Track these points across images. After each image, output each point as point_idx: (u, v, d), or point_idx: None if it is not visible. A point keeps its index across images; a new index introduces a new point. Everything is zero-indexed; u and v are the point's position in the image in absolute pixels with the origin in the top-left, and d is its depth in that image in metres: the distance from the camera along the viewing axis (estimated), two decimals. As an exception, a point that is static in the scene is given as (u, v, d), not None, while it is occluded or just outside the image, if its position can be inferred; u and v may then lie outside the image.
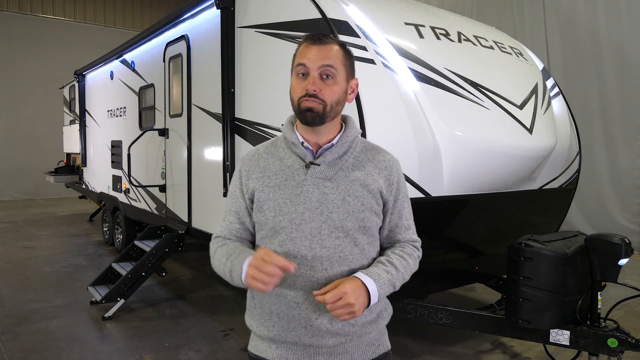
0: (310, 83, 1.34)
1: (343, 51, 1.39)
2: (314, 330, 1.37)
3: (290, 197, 1.39)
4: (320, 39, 1.37)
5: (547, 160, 3.61)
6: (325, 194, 1.38)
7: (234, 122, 3.92)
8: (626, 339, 2.61)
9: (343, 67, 1.38)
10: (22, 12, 14.31)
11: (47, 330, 4.07)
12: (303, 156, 1.42)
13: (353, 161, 1.44)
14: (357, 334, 1.41)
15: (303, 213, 1.37)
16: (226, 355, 3.64)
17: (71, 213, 11.22)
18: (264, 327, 1.43)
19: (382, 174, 1.45)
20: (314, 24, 3.09)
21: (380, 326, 1.49)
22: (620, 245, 2.61)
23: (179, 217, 4.95)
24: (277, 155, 1.46)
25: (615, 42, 7.22)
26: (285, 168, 1.43)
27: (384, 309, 1.51)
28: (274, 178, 1.42)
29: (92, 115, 8.18)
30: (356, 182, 1.41)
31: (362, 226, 1.40)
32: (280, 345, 1.42)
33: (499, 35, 4.21)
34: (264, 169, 1.45)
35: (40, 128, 13.98)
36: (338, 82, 1.37)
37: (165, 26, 5.25)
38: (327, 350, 1.40)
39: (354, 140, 1.46)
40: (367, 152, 1.48)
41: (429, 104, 2.99)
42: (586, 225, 7.47)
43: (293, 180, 1.40)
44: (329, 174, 1.40)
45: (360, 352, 1.44)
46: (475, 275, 3.80)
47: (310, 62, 1.35)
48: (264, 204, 1.41)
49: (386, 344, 1.53)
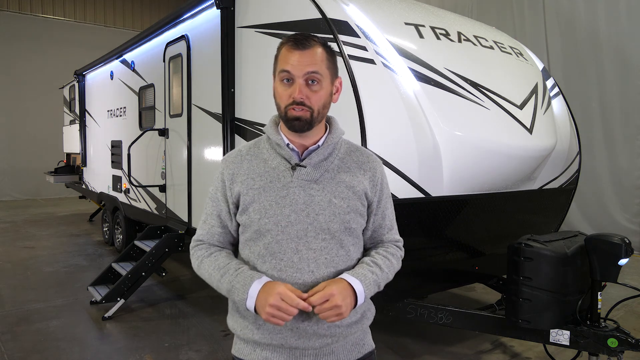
0: (297, 91, 1.31)
1: (326, 53, 1.37)
2: (300, 332, 1.37)
3: (276, 200, 1.37)
4: (302, 43, 1.33)
5: (547, 160, 3.61)
6: (312, 196, 1.38)
7: (234, 122, 3.92)
8: (626, 339, 2.61)
9: (327, 70, 1.36)
10: (22, 12, 14.31)
11: (47, 330, 4.07)
12: (289, 158, 1.41)
13: (338, 163, 1.44)
14: (343, 335, 1.42)
15: (289, 215, 1.36)
16: (226, 355, 3.64)
17: (71, 213, 11.23)
18: (248, 330, 1.41)
19: (367, 175, 1.45)
20: (314, 24, 3.09)
21: (365, 326, 1.50)
22: (620, 245, 2.61)
23: (179, 217, 4.95)
24: (261, 157, 1.44)
25: (615, 42, 7.21)
26: (270, 170, 1.41)
27: (368, 309, 1.51)
28: (258, 180, 1.40)
29: (92, 115, 8.18)
30: (342, 184, 1.41)
31: (347, 228, 1.40)
32: (265, 348, 1.40)
33: (499, 35, 4.21)
34: (247, 170, 1.43)
35: (40, 128, 13.98)
36: (324, 86, 1.35)
37: (165, 26, 5.25)
38: (314, 352, 1.40)
39: (338, 141, 1.46)
40: (351, 153, 1.48)
41: (429, 104, 2.99)
42: (586, 225, 7.47)
43: (279, 182, 1.39)
44: (315, 176, 1.39)
45: (346, 352, 1.45)
46: (475, 275, 3.80)
47: (294, 69, 1.32)
48: (249, 206, 1.39)
49: (370, 343, 1.54)
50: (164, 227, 5.13)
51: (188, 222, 4.76)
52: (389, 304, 3.22)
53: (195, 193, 4.66)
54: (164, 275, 5.05)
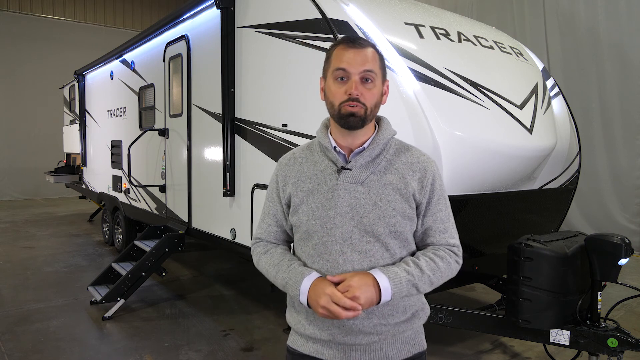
0: (353, 87, 1.35)
1: (378, 54, 1.41)
2: (347, 329, 1.41)
3: (322, 202, 1.41)
4: (357, 42, 1.38)
5: (547, 160, 3.61)
6: (357, 198, 1.39)
7: (234, 122, 3.92)
8: (626, 339, 2.61)
9: (380, 70, 1.41)
10: (22, 12, 14.31)
11: (47, 330, 4.07)
12: (335, 161, 1.44)
13: (385, 164, 1.44)
14: (391, 333, 1.43)
15: (334, 217, 1.39)
16: (226, 355, 3.64)
17: (71, 213, 11.23)
18: (300, 325, 1.48)
19: (416, 176, 1.43)
20: (314, 24, 3.09)
21: (416, 325, 1.50)
22: (620, 245, 2.61)
23: (179, 217, 4.96)
24: (312, 160, 1.49)
25: (615, 42, 7.21)
26: (318, 172, 1.45)
27: (421, 309, 1.52)
28: (307, 182, 1.45)
29: (92, 115, 8.18)
30: (388, 186, 1.40)
31: (393, 231, 1.39)
32: (316, 341, 1.46)
33: (499, 35, 4.21)
34: (299, 173, 1.48)
35: (40, 128, 13.99)
36: (377, 85, 1.39)
37: (165, 26, 5.25)
38: (361, 348, 1.43)
39: (387, 142, 1.46)
40: (400, 154, 1.47)
41: (429, 103, 2.99)
42: (586, 225, 7.47)
43: (325, 184, 1.43)
44: (361, 178, 1.41)
45: (395, 350, 1.46)
46: (475, 275, 3.80)
47: (350, 66, 1.36)
48: (299, 207, 1.45)
49: (422, 344, 1.53)
50: (164, 227, 5.13)
51: (188, 222, 4.76)
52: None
53: (195, 193, 4.66)
54: (164, 275, 5.05)
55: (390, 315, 1.42)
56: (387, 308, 1.41)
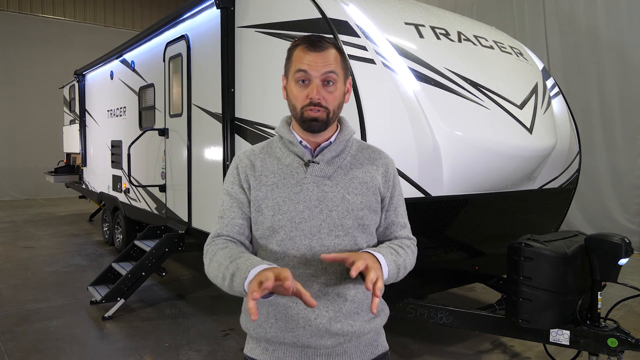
0: (314, 91, 1.32)
1: (339, 53, 1.38)
2: (312, 330, 1.36)
3: (289, 196, 1.37)
4: (318, 44, 1.33)
5: (547, 160, 3.61)
6: (325, 192, 1.38)
7: (234, 122, 3.92)
8: (626, 338, 2.61)
9: (342, 70, 1.38)
10: (22, 12, 14.31)
11: (47, 330, 4.07)
12: (302, 155, 1.41)
13: (350, 159, 1.44)
14: (356, 334, 1.40)
15: (303, 211, 1.36)
16: (226, 355, 3.64)
17: (71, 213, 11.22)
18: (261, 328, 1.40)
19: (379, 171, 1.46)
20: (314, 23, 3.09)
21: (378, 326, 1.49)
22: (620, 245, 2.61)
23: (179, 217, 4.95)
24: (274, 155, 1.45)
25: (615, 42, 7.21)
26: (283, 167, 1.41)
27: (381, 309, 1.51)
28: (271, 177, 1.40)
29: (92, 115, 8.18)
30: (355, 180, 1.41)
31: (361, 224, 1.40)
32: (278, 347, 1.40)
33: (499, 35, 4.21)
34: (261, 167, 1.42)
35: (40, 128, 13.98)
36: (338, 87, 1.37)
37: (165, 26, 5.25)
38: (326, 352, 1.39)
39: (349, 139, 1.47)
40: (363, 150, 1.49)
41: (429, 103, 2.99)
42: (586, 225, 7.47)
43: (292, 178, 1.39)
44: (328, 172, 1.40)
45: (359, 352, 1.44)
46: (475, 275, 3.80)
47: (311, 69, 1.32)
48: (262, 202, 1.39)
49: (384, 345, 1.52)
50: (164, 227, 5.13)
51: (188, 222, 4.76)
52: (389, 304, 3.22)
53: (195, 193, 4.66)
54: (164, 275, 5.05)
55: (356, 314, 1.39)
56: (353, 306, 1.39)
